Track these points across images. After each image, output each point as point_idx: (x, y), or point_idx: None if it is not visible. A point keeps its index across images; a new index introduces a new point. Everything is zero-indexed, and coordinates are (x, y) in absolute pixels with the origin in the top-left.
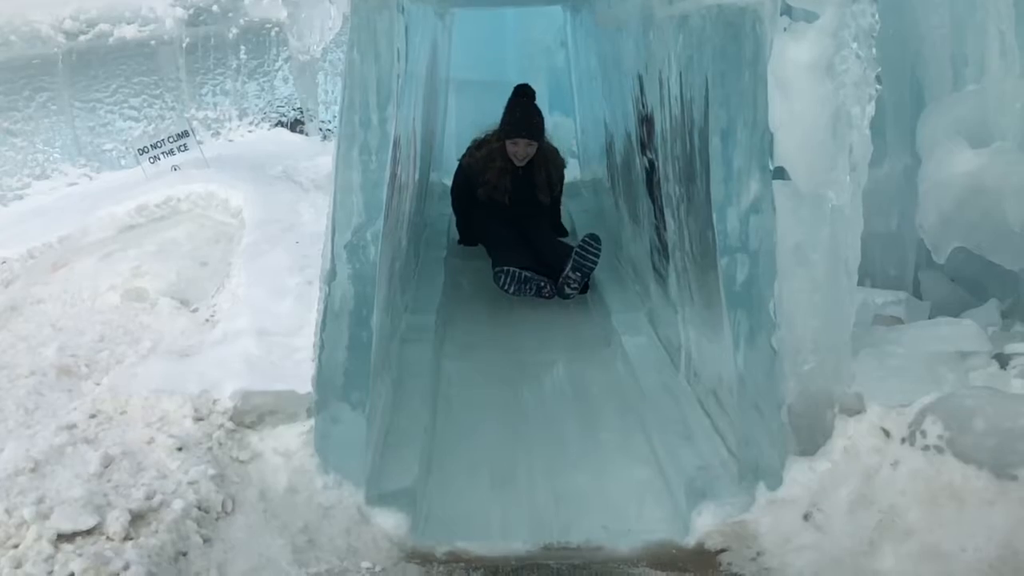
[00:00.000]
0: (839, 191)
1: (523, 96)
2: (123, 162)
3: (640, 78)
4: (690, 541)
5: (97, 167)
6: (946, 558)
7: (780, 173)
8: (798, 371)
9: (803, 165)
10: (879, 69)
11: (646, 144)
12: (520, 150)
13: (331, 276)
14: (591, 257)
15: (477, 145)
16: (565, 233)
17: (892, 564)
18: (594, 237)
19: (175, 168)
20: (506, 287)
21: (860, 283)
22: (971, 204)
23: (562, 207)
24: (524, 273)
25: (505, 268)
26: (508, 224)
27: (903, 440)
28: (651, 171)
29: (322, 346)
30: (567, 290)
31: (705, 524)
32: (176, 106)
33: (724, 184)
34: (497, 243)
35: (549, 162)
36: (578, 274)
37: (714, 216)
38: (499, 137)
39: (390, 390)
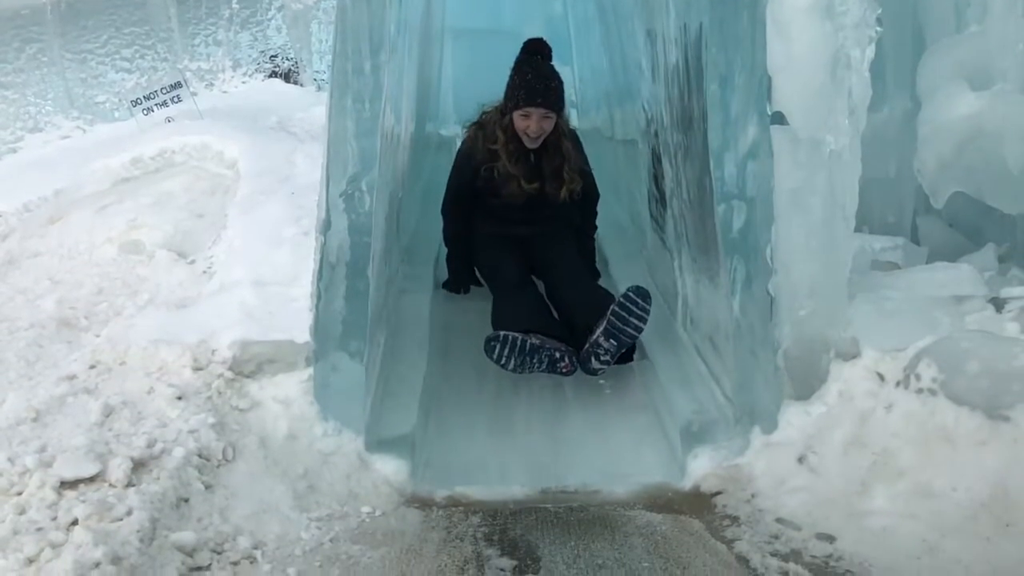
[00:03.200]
0: (837, 135)
1: (535, 53)
2: (116, 114)
3: (638, 23)
4: (686, 484)
5: (90, 119)
6: (937, 497)
7: (778, 118)
8: (794, 316)
9: (801, 109)
10: (879, 10)
11: (643, 91)
12: (533, 124)
13: (327, 226)
14: (634, 321)
15: (477, 125)
16: (593, 258)
17: (883, 504)
18: (640, 292)
19: (169, 120)
20: (504, 363)
21: (858, 229)
22: (971, 148)
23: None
24: (530, 341)
25: (501, 335)
26: (516, 248)
27: (897, 383)
28: (648, 119)
29: (319, 296)
30: (594, 363)
31: (701, 467)
32: (169, 57)
33: (722, 130)
34: (498, 283)
35: (569, 145)
36: (613, 343)
37: (711, 163)
38: (505, 109)
39: (388, 339)
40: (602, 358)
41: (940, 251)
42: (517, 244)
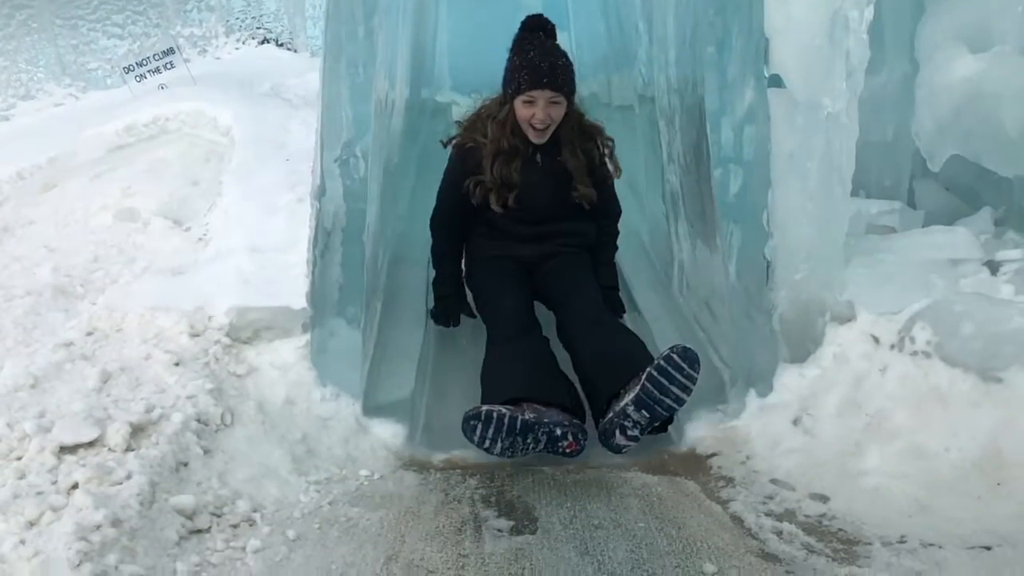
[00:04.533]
0: (835, 98)
1: (537, 30)
2: (109, 81)
3: None
4: (682, 446)
5: (83, 86)
6: (930, 457)
7: (775, 81)
8: (790, 280)
9: (799, 72)
10: None
11: (640, 55)
12: (540, 112)
13: (321, 192)
14: (675, 390)
15: (469, 123)
16: (616, 286)
17: (877, 464)
18: (687, 355)
19: (162, 87)
20: (488, 446)
21: (854, 193)
22: (969, 110)
23: None
24: (522, 417)
25: (484, 411)
26: (518, 275)
27: (892, 346)
28: (645, 83)
29: (315, 262)
30: (619, 439)
31: (696, 430)
32: (161, 23)
33: (719, 94)
34: (493, 325)
35: (587, 139)
36: (645, 415)
37: (708, 127)
38: (504, 99)
39: (385, 304)
40: (630, 432)
41: (937, 215)
42: (520, 268)
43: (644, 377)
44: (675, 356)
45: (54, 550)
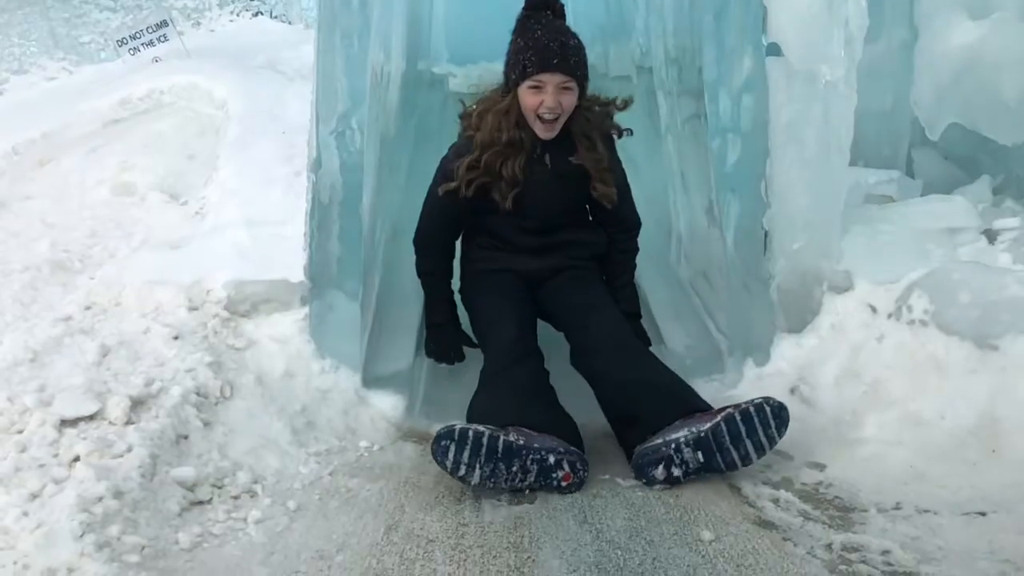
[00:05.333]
0: (833, 66)
1: (543, 9)
2: (102, 55)
3: None
4: None
5: (76, 60)
6: (926, 425)
7: (774, 49)
8: (788, 250)
9: (797, 40)
10: None
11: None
12: (549, 99)
13: (318, 165)
14: (748, 445)
15: (466, 119)
16: (638, 312)
17: (874, 432)
18: (780, 414)
19: (156, 60)
20: (463, 473)
21: (853, 163)
22: (968, 78)
23: None
24: (504, 438)
25: (458, 429)
26: (520, 291)
27: (889, 315)
28: (643, 53)
29: (312, 236)
30: (658, 472)
31: None
32: None
33: (716, 63)
34: (488, 350)
35: (603, 132)
36: (700, 459)
37: (706, 96)
38: (507, 87)
39: (383, 277)
40: (674, 471)
41: (935, 183)
42: (522, 284)
43: (722, 418)
44: (768, 408)
45: (57, 522)
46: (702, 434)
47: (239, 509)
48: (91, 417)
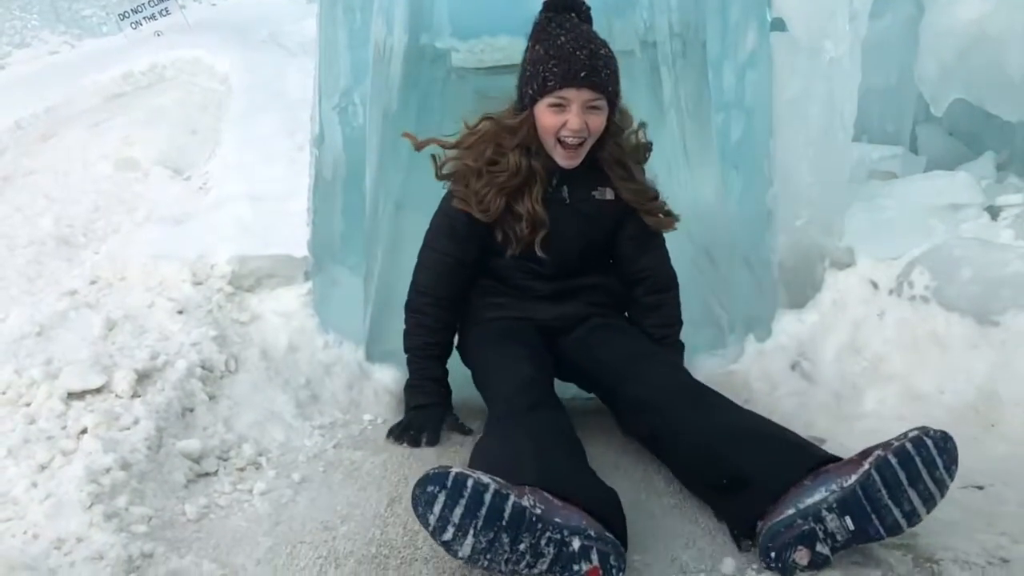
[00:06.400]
0: (838, 42)
1: (567, 11)
2: (104, 28)
3: None
4: None
5: (78, 34)
6: (925, 400)
7: (778, 25)
8: (790, 226)
9: (802, 15)
10: None
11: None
12: (574, 120)
13: (320, 140)
14: (912, 495)
15: (462, 148)
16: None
17: (874, 407)
18: (945, 445)
19: (158, 34)
20: (450, 538)
21: (857, 139)
22: (973, 53)
23: None
24: (516, 501)
25: (453, 474)
26: (534, 342)
27: (891, 291)
28: (647, 27)
29: (315, 211)
30: (799, 556)
31: (696, 374)
32: None
33: (720, 38)
34: (503, 391)
35: (633, 157)
36: (849, 526)
37: (709, 72)
38: (521, 104)
39: (387, 252)
40: (819, 548)
41: (939, 160)
42: (537, 335)
43: (871, 464)
44: (929, 441)
45: (65, 492)
46: (848, 491)
47: (244, 481)
48: (98, 390)
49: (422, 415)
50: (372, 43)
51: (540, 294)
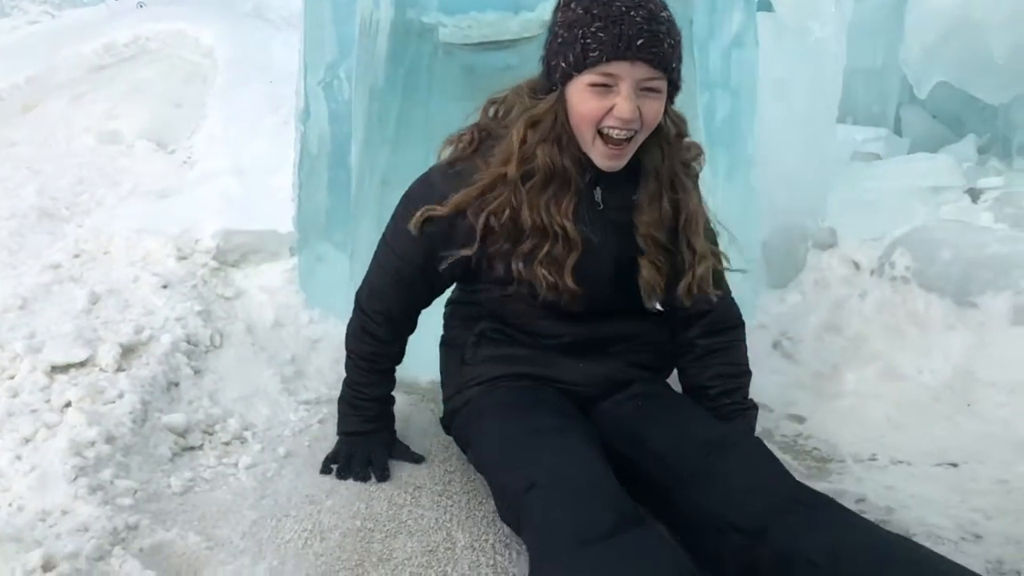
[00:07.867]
0: (823, 23)
1: None
2: None
3: None
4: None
5: (58, 3)
6: (904, 379)
7: (765, 5)
8: (774, 206)
9: None
10: None
11: None
12: (625, 105)
13: (306, 115)
14: None
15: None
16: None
17: (853, 386)
18: None
19: (140, 5)
20: None
21: (841, 120)
22: (956, 36)
23: None
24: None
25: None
26: (575, 418)
27: (872, 272)
28: None
29: (301, 186)
30: None
31: None
32: None
33: (707, 17)
34: (558, 508)
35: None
36: None
37: (695, 51)
38: (548, 85)
39: (372, 229)
40: None
41: (922, 142)
42: (571, 405)
43: None
44: None
45: (50, 465)
46: None
47: (230, 455)
48: (82, 364)
49: (364, 444)
50: (358, 17)
51: (562, 342)
